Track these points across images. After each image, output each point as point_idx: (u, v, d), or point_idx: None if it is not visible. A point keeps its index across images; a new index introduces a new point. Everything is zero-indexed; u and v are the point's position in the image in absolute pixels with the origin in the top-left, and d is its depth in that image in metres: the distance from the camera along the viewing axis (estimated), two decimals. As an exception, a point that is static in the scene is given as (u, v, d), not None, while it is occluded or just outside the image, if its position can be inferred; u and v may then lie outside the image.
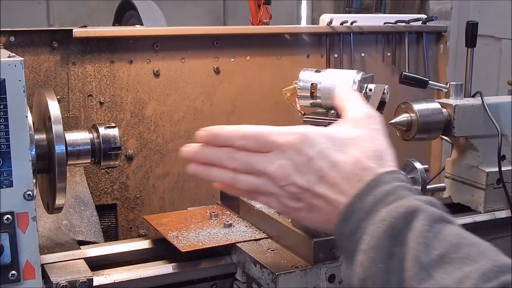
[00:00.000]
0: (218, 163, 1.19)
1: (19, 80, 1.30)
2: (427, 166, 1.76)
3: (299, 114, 1.64)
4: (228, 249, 1.63)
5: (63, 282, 1.43)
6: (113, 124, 1.53)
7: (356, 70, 1.58)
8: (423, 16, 2.52)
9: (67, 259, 1.57)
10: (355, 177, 1.06)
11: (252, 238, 1.63)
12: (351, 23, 2.32)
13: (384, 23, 2.42)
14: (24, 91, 1.31)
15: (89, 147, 1.49)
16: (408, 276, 0.91)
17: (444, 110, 1.87)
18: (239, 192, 1.27)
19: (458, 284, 0.85)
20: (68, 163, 1.45)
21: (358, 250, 1.00)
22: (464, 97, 1.94)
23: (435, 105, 1.86)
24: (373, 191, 1.03)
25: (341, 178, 1.07)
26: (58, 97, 1.92)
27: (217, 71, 2.17)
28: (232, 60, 2.19)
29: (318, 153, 1.09)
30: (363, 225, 1.01)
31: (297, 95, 1.61)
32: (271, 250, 1.57)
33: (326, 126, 1.46)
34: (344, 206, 1.05)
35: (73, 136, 1.48)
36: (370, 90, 1.55)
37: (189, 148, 1.25)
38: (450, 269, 0.88)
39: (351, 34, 2.33)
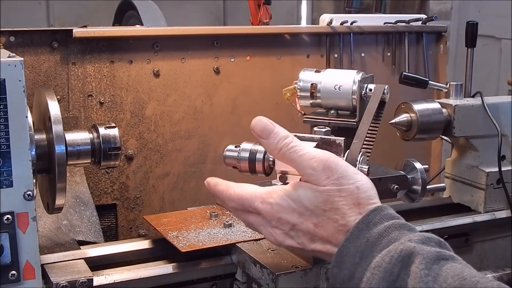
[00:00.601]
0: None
1: (19, 80, 1.30)
2: (427, 166, 1.76)
3: (299, 114, 1.64)
4: (228, 249, 1.63)
5: (63, 282, 1.43)
6: (113, 124, 1.53)
7: (356, 70, 1.58)
8: (423, 16, 2.52)
9: (67, 259, 1.57)
10: (341, 232, 1.09)
11: (252, 238, 1.63)
12: (351, 23, 2.32)
13: (384, 23, 2.42)
14: (24, 91, 1.31)
15: (89, 147, 1.49)
16: None
17: (444, 110, 1.87)
18: None
19: None
20: (68, 163, 1.45)
21: None
22: (464, 97, 1.94)
23: (435, 105, 1.86)
24: (365, 234, 1.04)
25: (329, 235, 1.10)
26: (58, 97, 1.92)
27: (217, 71, 2.17)
28: (232, 60, 2.19)
29: (299, 219, 1.13)
30: (358, 270, 1.01)
31: (297, 95, 1.61)
32: (271, 250, 1.57)
33: (326, 125, 1.47)
34: (337, 251, 1.07)
35: (73, 136, 1.48)
36: (370, 90, 1.55)
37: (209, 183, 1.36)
38: None
39: (351, 34, 2.33)
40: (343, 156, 1.32)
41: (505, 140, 1.89)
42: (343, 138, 1.37)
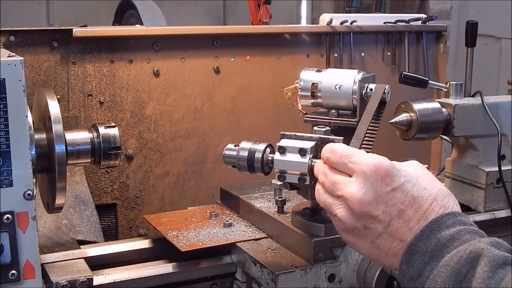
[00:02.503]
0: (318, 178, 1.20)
1: (19, 80, 1.30)
2: (427, 165, 1.75)
3: (300, 113, 1.64)
4: (228, 249, 1.63)
5: (63, 281, 1.43)
6: (113, 124, 1.53)
7: (357, 70, 1.58)
8: (423, 15, 2.52)
9: (67, 258, 1.57)
10: (431, 214, 1.06)
11: (252, 238, 1.63)
12: (351, 23, 2.32)
13: (384, 23, 2.42)
14: (24, 91, 1.31)
15: (89, 146, 1.49)
16: None
17: (444, 109, 1.87)
18: None
19: None
20: (68, 162, 1.45)
21: None
22: (464, 96, 1.94)
23: (435, 104, 1.86)
24: (436, 234, 1.03)
25: (419, 213, 1.06)
26: (58, 96, 1.92)
27: (217, 71, 2.17)
28: (232, 59, 2.19)
29: (400, 185, 1.08)
30: (427, 269, 1.00)
31: (298, 94, 1.61)
32: (271, 250, 1.57)
33: (327, 125, 1.47)
34: (406, 247, 1.04)
35: (73, 136, 1.48)
36: (371, 90, 1.55)
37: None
38: None
39: (351, 33, 2.33)
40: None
41: (505, 139, 1.89)
42: (341, 138, 1.37)
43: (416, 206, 1.07)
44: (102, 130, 1.51)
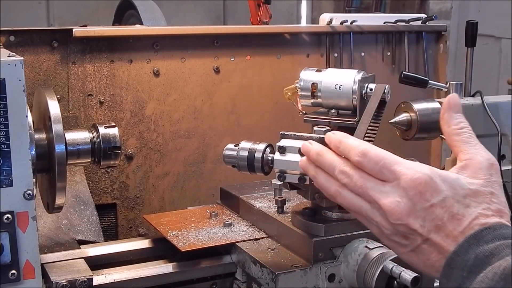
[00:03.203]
0: (330, 172, 1.14)
1: (19, 80, 1.30)
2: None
3: (300, 113, 1.64)
4: (228, 249, 1.63)
5: (63, 281, 1.43)
6: (113, 124, 1.53)
7: (357, 70, 1.58)
8: (423, 15, 2.52)
9: (67, 258, 1.57)
10: (471, 231, 1.03)
11: (252, 238, 1.63)
12: (351, 23, 2.32)
13: (384, 23, 2.42)
14: (24, 91, 1.31)
15: (89, 146, 1.49)
16: None
17: (444, 109, 1.87)
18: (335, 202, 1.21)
19: None
20: (68, 162, 1.45)
21: None
22: (464, 96, 1.94)
23: (435, 104, 1.86)
24: (474, 250, 1.01)
25: (459, 231, 1.03)
26: (58, 96, 1.92)
27: (217, 71, 2.17)
28: (232, 59, 2.19)
29: (440, 201, 1.04)
30: (466, 284, 0.99)
31: (298, 94, 1.61)
32: (271, 250, 1.57)
33: (327, 125, 1.47)
34: (446, 261, 1.03)
35: (73, 136, 1.48)
36: (371, 90, 1.55)
37: (310, 146, 1.19)
38: None
39: (351, 33, 2.33)
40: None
41: (505, 139, 1.89)
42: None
43: (455, 224, 1.04)
44: (102, 130, 1.51)
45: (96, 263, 1.59)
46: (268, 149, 1.48)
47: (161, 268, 1.58)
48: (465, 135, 1.16)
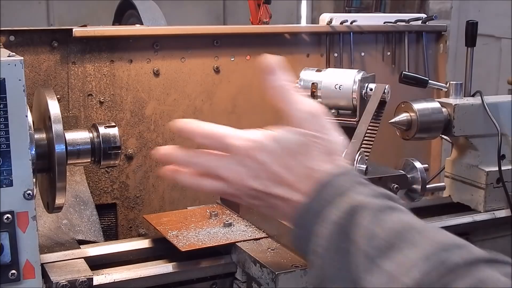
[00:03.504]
0: (185, 166, 1.22)
1: (19, 80, 1.30)
2: (427, 165, 1.77)
3: (299, 113, 1.64)
4: (228, 249, 1.63)
5: (63, 281, 1.43)
6: (113, 124, 1.53)
7: (357, 70, 1.59)
8: (423, 15, 2.52)
9: (67, 258, 1.57)
10: (308, 177, 1.09)
11: (252, 238, 1.63)
12: (351, 23, 2.32)
13: (384, 23, 2.42)
14: (24, 91, 1.31)
15: (89, 146, 1.49)
16: (359, 270, 0.93)
17: (444, 109, 1.87)
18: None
19: (406, 272, 0.87)
20: (68, 162, 1.45)
21: (311, 252, 1.02)
22: (464, 96, 1.94)
23: (435, 104, 1.86)
24: (323, 194, 1.05)
25: (295, 179, 1.09)
26: (58, 96, 1.92)
27: (217, 71, 2.17)
28: (232, 59, 2.19)
29: (270, 159, 1.11)
30: (315, 227, 1.03)
31: (297, 94, 1.61)
32: (271, 250, 1.57)
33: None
34: (296, 212, 1.08)
35: (73, 136, 1.48)
36: (371, 89, 1.55)
37: (158, 151, 1.26)
38: (396, 257, 0.90)
39: (351, 33, 2.33)
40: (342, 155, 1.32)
41: (505, 139, 1.89)
42: (342, 138, 1.37)
43: (292, 175, 1.10)
44: (102, 130, 1.51)
45: (96, 263, 1.59)
46: (268, 149, 1.47)
47: (161, 268, 1.58)
48: (283, 91, 1.21)
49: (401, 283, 0.86)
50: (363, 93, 1.55)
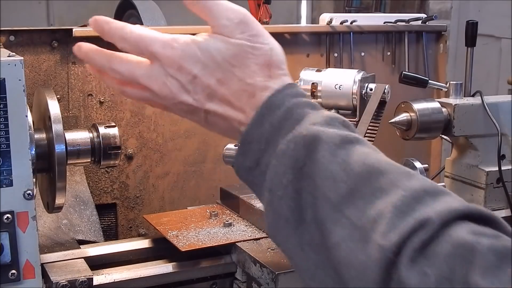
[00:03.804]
0: (105, 71, 1.07)
1: (19, 80, 1.30)
2: (426, 165, 1.76)
3: (299, 113, 1.64)
4: (228, 249, 1.63)
5: (63, 281, 1.43)
6: (113, 124, 1.53)
7: (357, 70, 1.59)
8: (423, 15, 2.52)
9: (67, 258, 1.57)
10: (245, 93, 0.99)
11: (252, 238, 1.63)
12: (351, 23, 2.32)
13: (384, 23, 2.42)
14: (24, 91, 1.31)
15: (89, 146, 1.49)
16: (322, 216, 0.84)
17: (444, 109, 1.87)
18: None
19: (372, 223, 0.79)
20: (68, 162, 1.45)
21: (264, 188, 0.93)
22: (464, 96, 1.94)
23: (435, 104, 1.86)
24: (267, 118, 0.96)
25: (231, 94, 0.99)
26: (58, 96, 1.92)
27: (217, 71, 2.16)
28: (232, 59, 2.18)
29: (201, 70, 1.00)
30: (264, 157, 0.94)
31: (297, 94, 1.61)
32: (271, 250, 1.57)
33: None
34: (241, 138, 0.98)
35: (73, 136, 1.48)
36: (371, 89, 1.55)
37: (78, 47, 1.10)
38: (362, 205, 0.82)
39: (351, 33, 2.33)
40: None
41: (505, 139, 1.89)
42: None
43: (224, 88, 0.99)
44: (102, 130, 1.51)
45: (96, 263, 1.59)
46: (268, 149, 1.47)
47: (161, 268, 1.58)
48: (205, 1, 1.08)
49: (371, 239, 0.78)
50: (363, 93, 1.55)
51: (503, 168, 1.88)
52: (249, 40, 1.01)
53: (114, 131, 1.52)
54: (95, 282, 1.47)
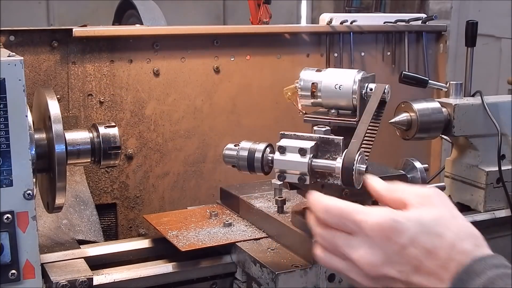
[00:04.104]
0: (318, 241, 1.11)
1: (19, 80, 1.30)
2: (427, 165, 1.76)
3: (300, 113, 1.64)
4: (228, 249, 1.63)
5: (63, 281, 1.43)
6: (113, 124, 1.53)
7: (357, 70, 1.58)
8: (423, 15, 2.52)
9: (67, 258, 1.57)
10: (453, 263, 0.98)
11: (252, 238, 1.63)
12: (351, 23, 2.32)
13: (384, 23, 2.42)
14: (24, 91, 1.31)
15: (89, 146, 1.49)
16: None
17: (444, 109, 1.87)
18: None
19: None
20: (68, 162, 1.45)
21: None
22: (464, 96, 1.94)
23: (435, 104, 1.86)
24: (468, 286, 0.96)
25: (438, 266, 0.98)
26: (58, 96, 1.92)
27: (217, 71, 2.17)
28: (232, 59, 2.19)
29: (410, 241, 0.99)
30: None
31: (298, 94, 1.61)
32: (271, 250, 1.57)
33: (327, 125, 1.47)
34: None
35: (73, 136, 1.48)
36: (371, 89, 1.55)
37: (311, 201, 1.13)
38: None
39: (351, 33, 2.33)
40: (342, 155, 1.32)
41: (505, 139, 1.89)
42: (341, 138, 1.37)
43: (433, 259, 0.99)
44: (102, 129, 1.51)
45: (96, 263, 1.59)
46: (268, 149, 1.48)
47: (161, 268, 1.58)
48: (391, 186, 1.11)
49: None
50: (363, 93, 1.55)
51: (503, 168, 1.88)
52: (449, 207, 1.04)
53: (114, 131, 1.52)
54: (95, 282, 1.47)
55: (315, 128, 1.44)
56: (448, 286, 0.97)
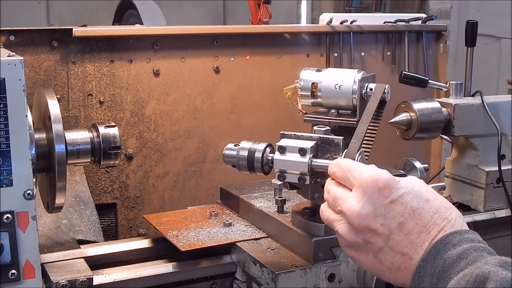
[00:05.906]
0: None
1: (19, 80, 1.30)
2: (427, 165, 1.77)
3: (300, 113, 1.64)
4: (228, 248, 1.63)
5: (63, 281, 1.43)
6: (113, 123, 1.53)
7: (357, 70, 1.58)
8: (423, 15, 2.52)
9: (67, 258, 1.57)
10: (435, 227, 1.04)
11: (252, 237, 1.63)
12: (351, 22, 2.32)
13: (384, 23, 2.42)
14: (24, 91, 1.31)
15: (89, 146, 1.49)
16: None
17: (444, 109, 1.87)
18: None
19: None
20: (68, 162, 1.45)
21: None
22: (464, 96, 1.94)
23: (435, 104, 1.86)
24: (442, 255, 1.00)
25: (421, 226, 1.04)
26: (58, 96, 1.92)
27: (217, 71, 2.17)
28: (232, 59, 2.19)
29: (399, 197, 1.05)
30: None
31: (298, 94, 1.61)
32: (271, 249, 1.57)
33: (327, 125, 1.47)
34: (415, 270, 1.02)
35: (73, 136, 1.48)
36: (371, 89, 1.55)
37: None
38: None
39: (351, 33, 2.33)
40: (342, 155, 1.32)
41: (504, 139, 1.89)
42: (341, 138, 1.37)
43: (417, 219, 1.04)
44: (102, 129, 1.51)
45: (96, 263, 1.59)
46: (268, 149, 1.48)
47: (161, 268, 1.58)
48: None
49: None
50: (363, 93, 1.55)
51: (503, 168, 1.88)
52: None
53: (114, 131, 1.52)
54: (95, 282, 1.47)
55: (315, 128, 1.44)
56: (425, 250, 1.02)
